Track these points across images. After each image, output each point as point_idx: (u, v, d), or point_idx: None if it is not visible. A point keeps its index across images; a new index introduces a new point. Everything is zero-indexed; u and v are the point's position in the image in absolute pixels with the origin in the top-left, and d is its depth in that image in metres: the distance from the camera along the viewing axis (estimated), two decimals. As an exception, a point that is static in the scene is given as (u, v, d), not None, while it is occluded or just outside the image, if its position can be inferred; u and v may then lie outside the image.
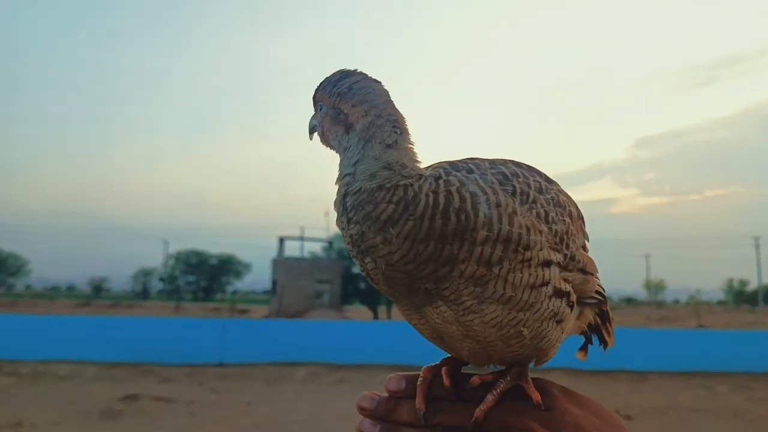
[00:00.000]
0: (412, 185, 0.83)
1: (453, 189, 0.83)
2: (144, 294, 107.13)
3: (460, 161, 0.91)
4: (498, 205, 0.83)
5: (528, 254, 0.83)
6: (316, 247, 54.08)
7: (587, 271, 0.95)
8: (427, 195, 0.82)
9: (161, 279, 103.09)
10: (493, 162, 0.91)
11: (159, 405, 11.07)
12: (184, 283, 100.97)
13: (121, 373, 14.34)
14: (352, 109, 0.91)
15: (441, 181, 0.84)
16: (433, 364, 0.93)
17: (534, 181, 0.90)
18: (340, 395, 12.26)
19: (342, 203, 0.86)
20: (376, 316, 43.81)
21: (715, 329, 26.75)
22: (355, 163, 0.88)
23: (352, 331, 18.30)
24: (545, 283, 0.85)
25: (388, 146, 0.88)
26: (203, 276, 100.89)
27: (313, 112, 1.01)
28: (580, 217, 0.99)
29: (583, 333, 1.09)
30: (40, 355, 15.50)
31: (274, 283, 46.21)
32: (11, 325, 17.48)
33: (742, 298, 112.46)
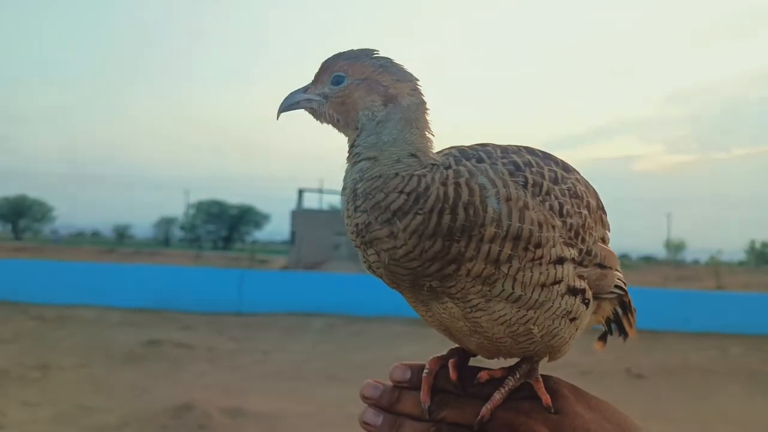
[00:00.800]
0: (425, 176, 0.78)
1: (462, 180, 0.78)
2: (166, 242, 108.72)
3: (470, 147, 0.85)
4: (508, 198, 0.78)
5: (539, 252, 0.79)
6: (335, 200, 54.30)
7: (605, 265, 0.90)
8: (437, 187, 0.77)
9: (182, 227, 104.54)
10: (505, 149, 0.85)
11: (180, 351, 11.40)
12: (204, 233, 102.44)
13: (144, 319, 14.71)
14: (396, 84, 0.85)
15: (450, 171, 0.79)
16: (439, 355, 0.90)
17: (549, 170, 0.85)
18: (356, 346, 12.50)
19: (353, 189, 0.81)
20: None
21: (734, 291, 26.52)
22: (385, 143, 0.82)
23: (369, 284, 18.19)
24: (557, 282, 0.81)
25: (423, 134, 0.84)
26: (223, 226, 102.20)
27: (299, 86, 0.91)
28: (600, 207, 0.93)
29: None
30: (66, 299, 15.93)
31: (293, 234, 46.59)
32: (38, 270, 17.99)
33: (763, 259, 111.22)
